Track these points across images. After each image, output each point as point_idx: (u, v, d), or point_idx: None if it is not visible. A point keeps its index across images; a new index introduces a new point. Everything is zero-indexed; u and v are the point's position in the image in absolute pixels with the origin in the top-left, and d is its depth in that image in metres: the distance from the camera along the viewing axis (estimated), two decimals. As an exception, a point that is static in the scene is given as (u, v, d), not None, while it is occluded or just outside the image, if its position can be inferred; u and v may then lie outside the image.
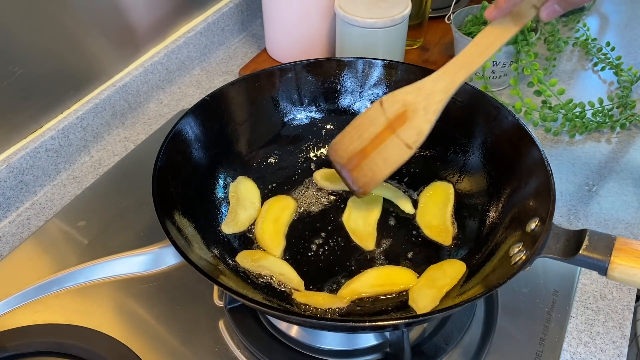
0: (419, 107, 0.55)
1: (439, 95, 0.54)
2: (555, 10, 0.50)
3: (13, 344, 0.56)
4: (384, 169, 0.58)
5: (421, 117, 0.55)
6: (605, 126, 0.80)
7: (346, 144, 0.60)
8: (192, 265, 0.47)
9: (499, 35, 0.53)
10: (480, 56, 0.54)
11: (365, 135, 0.59)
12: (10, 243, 0.68)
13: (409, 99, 0.56)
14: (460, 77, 0.54)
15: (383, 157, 0.58)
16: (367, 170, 0.59)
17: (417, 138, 0.56)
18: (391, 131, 0.56)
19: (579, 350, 0.57)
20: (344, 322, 0.48)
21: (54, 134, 0.72)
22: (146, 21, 0.83)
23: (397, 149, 0.56)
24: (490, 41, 0.53)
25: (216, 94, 0.64)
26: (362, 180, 0.59)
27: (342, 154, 0.60)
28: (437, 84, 0.55)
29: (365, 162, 0.59)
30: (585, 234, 0.47)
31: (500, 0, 0.51)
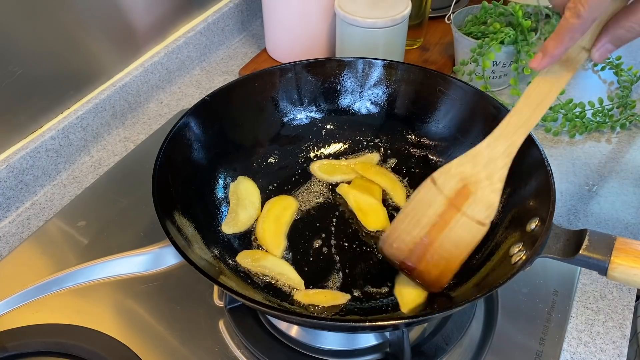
0: (481, 178, 0.50)
1: (501, 160, 0.49)
2: (607, 49, 0.46)
3: (13, 344, 0.56)
4: (457, 254, 0.51)
5: (487, 188, 0.50)
6: (605, 126, 0.80)
7: (403, 236, 0.53)
8: (192, 265, 0.47)
9: (552, 85, 0.48)
10: (536, 111, 0.49)
11: (425, 220, 0.52)
12: (10, 243, 0.68)
13: (467, 170, 0.51)
14: (520, 137, 0.49)
15: (453, 241, 0.51)
16: (438, 259, 0.51)
17: (488, 212, 0.50)
18: (455, 210, 0.50)
19: (579, 350, 0.57)
20: (344, 322, 0.48)
21: (54, 134, 0.72)
22: (146, 21, 0.83)
23: (467, 229, 0.50)
24: (545, 93, 0.48)
25: (216, 94, 0.64)
26: (434, 272, 0.52)
27: (400, 247, 0.53)
28: (495, 149, 0.50)
29: (431, 250, 0.51)
30: (585, 234, 0.47)
31: (550, 47, 0.45)
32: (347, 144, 0.71)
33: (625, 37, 0.45)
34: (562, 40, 0.45)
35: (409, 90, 0.68)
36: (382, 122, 0.70)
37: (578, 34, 0.44)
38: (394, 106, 0.70)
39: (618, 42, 0.46)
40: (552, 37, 0.45)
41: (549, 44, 0.46)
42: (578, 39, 0.45)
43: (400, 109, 0.69)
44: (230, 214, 0.63)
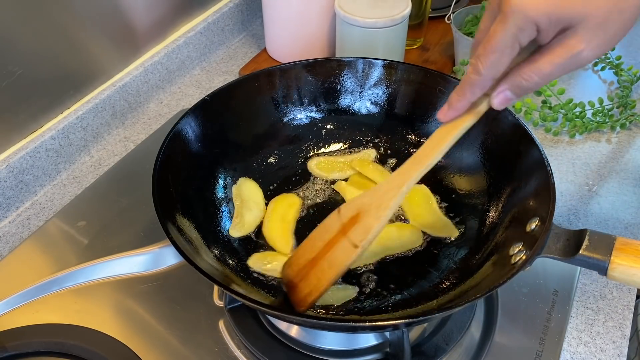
0: (372, 207, 0.53)
1: (392, 192, 0.52)
2: (506, 96, 0.45)
3: (13, 343, 0.56)
4: (328, 274, 0.53)
5: (372, 216, 0.52)
6: (605, 126, 0.80)
7: (298, 256, 0.56)
8: (192, 265, 0.47)
9: (451, 129, 0.49)
10: (432, 151, 0.51)
11: (319, 244, 0.55)
12: (10, 243, 0.68)
13: (365, 201, 0.54)
14: (413, 173, 0.51)
15: (329, 262, 0.53)
16: (312, 279, 0.53)
17: (363, 236, 0.52)
18: (342, 235, 0.53)
19: (579, 350, 0.57)
20: (344, 322, 0.48)
21: (54, 133, 0.72)
22: (146, 21, 0.83)
23: (343, 250, 0.53)
24: (443, 135, 0.50)
25: (216, 93, 0.64)
26: (305, 290, 0.54)
27: (293, 267, 0.56)
28: (390, 184, 0.53)
29: (312, 270, 0.54)
30: (585, 233, 0.47)
31: (454, 101, 0.47)
32: (347, 143, 0.71)
33: (524, 86, 0.44)
34: (465, 94, 0.46)
35: (409, 90, 0.68)
36: (382, 122, 0.71)
37: (478, 90, 0.45)
38: (394, 106, 0.70)
39: (517, 90, 0.45)
40: (456, 90, 0.46)
41: (453, 97, 0.47)
42: (479, 94, 0.46)
43: (400, 109, 0.69)
44: (236, 217, 0.63)
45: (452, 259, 0.60)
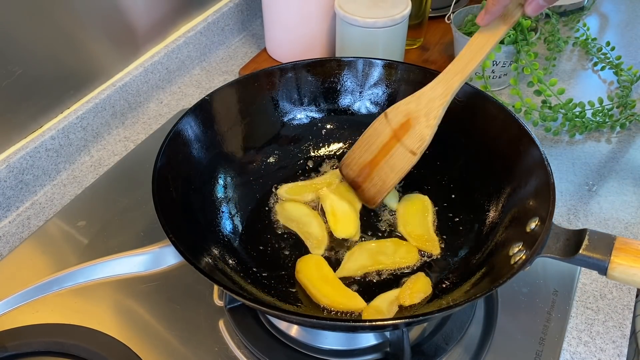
0: (421, 115, 0.58)
1: (438, 100, 0.57)
2: (539, 4, 0.51)
3: (13, 343, 0.56)
4: (392, 177, 0.60)
5: (423, 124, 0.57)
6: (605, 126, 0.80)
7: (356, 158, 0.63)
8: (192, 265, 0.47)
9: (489, 37, 0.55)
10: (473, 59, 0.55)
11: (373, 147, 0.61)
12: (10, 243, 0.68)
13: (411, 108, 0.59)
14: (456, 82, 0.56)
15: (390, 166, 0.60)
16: (376, 180, 0.61)
17: (420, 144, 0.58)
18: (396, 140, 0.59)
19: (579, 349, 0.57)
20: (344, 322, 0.48)
21: (54, 133, 0.72)
22: (146, 21, 0.83)
23: (402, 157, 0.59)
24: (482, 44, 0.55)
25: (216, 93, 0.64)
26: (372, 190, 0.62)
27: (353, 167, 0.63)
28: (435, 91, 0.57)
29: (374, 172, 0.61)
30: (585, 233, 0.47)
31: (489, 4, 0.52)
32: (347, 143, 0.71)
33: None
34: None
35: (408, 90, 0.68)
36: (382, 121, 0.71)
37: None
38: (394, 106, 0.70)
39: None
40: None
41: (489, 2, 0.52)
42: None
43: (400, 108, 0.69)
44: (308, 239, 0.62)
45: (452, 259, 0.60)
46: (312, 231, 0.62)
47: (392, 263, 0.59)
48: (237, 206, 0.65)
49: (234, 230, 0.62)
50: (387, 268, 0.59)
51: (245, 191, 0.66)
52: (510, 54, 0.82)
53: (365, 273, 0.59)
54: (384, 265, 0.59)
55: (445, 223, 0.63)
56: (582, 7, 1.04)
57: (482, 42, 0.55)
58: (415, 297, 0.55)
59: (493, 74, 0.85)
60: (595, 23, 1.03)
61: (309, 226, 0.63)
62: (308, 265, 0.59)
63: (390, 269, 0.59)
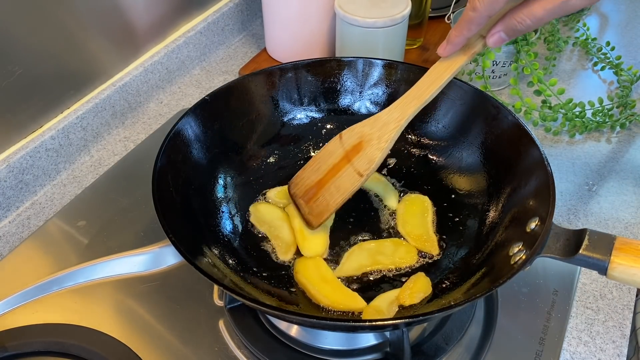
0: (373, 137, 0.58)
1: (392, 124, 0.57)
2: (501, 37, 0.50)
3: (13, 343, 0.56)
4: (336, 198, 0.59)
5: (374, 146, 0.57)
6: (605, 126, 0.80)
7: (305, 177, 0.62)
8: (192, 265, 0.47)
9: (449, 66, 0.55)
10: (431, 86, 0.56)
11: (323, 167, 0.61)
12: (10, 243, 0.68)
13: (365, 130, 0.59)
14: (412, 108, 0.56)
15: (337, 186, 0.60)
16: (321, 201, 0.60)
17: (368, 166, 0.58)
18: (347, 161, 0.59)
19: (578, 349, 0.57)
20: (344, 322, 0.48)
21: (54, 133, 0.72)
22: (146, 21, 0.83)
23: (349, 177, 0.59)
24: (441, 72, 0.55)
25: (216, 93, 0.64)
26: (315, 210, 0.61)
27: (300, 187, 0.62)
28: (390, 115, 0.58)
29: (320, 192, 0.61)
30: (585, 233, 0.47)
31: (452, 35, 0.52)
32: (347, 143, 0.71)
33: (517, 29, 0.48)
34: (462, 30, 0.50)
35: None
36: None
37: (475, 26, 0.49)
38: (394, 106, 0.70)
39: (511, 32, 0.49)
40: (454, 27, 0.51)
41: (452, 33, 0.52)
42: (475, 30, 0.50)
43: (400, 108, 0.69)
44: (275, 242, 0.62)
45: (452, 259, 0.60)
46: (281, 236, 0.62)
47: (391, 263, 0.59)
48: (237, 206, 0.65)
49: (234, 230, 0.62)
50: (386, 268, 0.59)
51: (245, 191, 0.66)
52: (510, 54, 0.82)
53: (364, 273, 0.59)
54: (382, 265, 0.59)
55: (445, 223, 0.63)
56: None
57: (441, 70, 0.55)
58: (415, 297, 0.55)
59: (493, 74, 0.85)
60: (595, 23, 1.03)
61: (279, 230, 0.62)
62: (307, 266, 0.59)
63: (389, 268, 0.59)
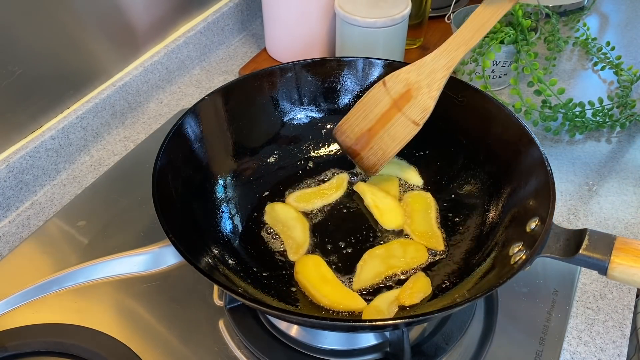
0: (422, 85, 0.57)
1: (441, 72, 0.57)
2: None
3: (13, 343, 0.56)
4: (393, 147, 0.61)
5: (425, 95, 0.57)
6: (605, 126, 0.80)
7: (352, 125, 0.63)
8: (192, 265, 0.47)
9: (493, 12, 0.54)
10: (477, 33, 0.55)
11: (371, 115, 0.61)
12: (10, 243, 0.68)
13: (412, 77, 0.58)
14: (460, 54, 0.56)
15: (391, 135, 0.60)
16: (376, 149, 0.61)
17: (423, 115, 0.58)
18: (397, 110, 0.59)
19: (579, 349, 0.57)
20: (344, 322, 0.48)
21: (53, 133, 0.72)
22: (146, 21, 0.83)
23: (404, 127, 0.59)
24: (486, 19, 0.55)
25: (216, 93, 0.64)
26: (372, 159, 0.62)
27: (349, 135, 0.63)
28: (437, 62, 0.57)
29: (373, 141, 0.61)
30: (585, 233, 0.47)
31: None
32: (347, 143, 0.71)
33: None
34: None
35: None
36: (382, 121, 0.71)
37: None
38: (394, 106, 0.70)
39: None
40: None
41: None
42: None
43: (400, 108, 0.69)
44: (287, 242, 0.62)
45: (452, 259, 0.60)
46: (294, 235, 0.62)
47: (405, 264, 0.59)
48: (237, 206, 0.65)
49: (234, 230, 0.62)
50: (400, 270, 0.58)
51: (245, 191, 0.66)
52: (510, 53, 0.82)
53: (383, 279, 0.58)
54: (397, 268, 0.58)
55: (445, 223, 0.63)
56: (582, 7, 1.04)
57: (486, 16, 0.55)
58: (415, 297, 0.55)
59: (493, 74, 0.85)
60: (595, 23, 1.03)
61: (293, 230, 0.62)
62: (307, 266, 0.59)
63: (404, 270, 0.59)
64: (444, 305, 0.53)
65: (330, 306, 0.55)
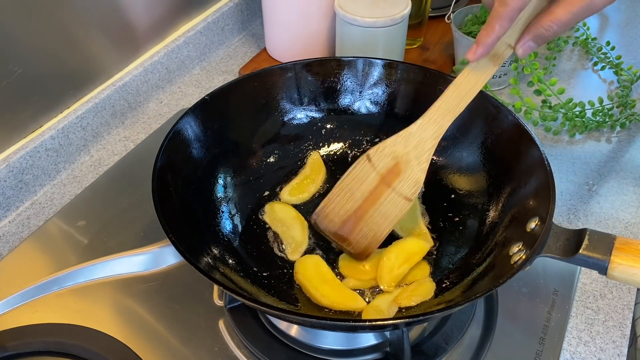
0: (411, 157, 0.54)
1: (429, 142, 0.54)
2: (530, 46, 0.51)
3: (13, 343, 0.56)
4: (384, 226, 0.56)
5: (415, 167, 0.54)
6: (605, 125, 0.80)
7: (336, 208, 0.58)
8: (192, 265, 0.47)
9: (479, 77, 0.54)
10: (463, 100, 0.54)
11: (358, 194, 0.56)
12: (10, 243, 0.68)
13: (399, 150, 0.55)
14: (447, 122, 0.54)
15: (382, 214, 0.56)
16: (367, 231, 0.56)
17: (415, 189, 0.55)
18: (386, 186, 0.55)
19: (579, 349, 0.57)
20: (344, 322, 0.48)
21: (53, 133, 0.72)
22: (146, 20, 0.83)
23: (395, 204, 0.55)
24: (472, 84, 0.54)
25: (216, 93, 0.64)
26: (363, 242, 0.57)
27: (333, 219, 0.58)
28: (425, 131, 0.54)
29: (362, 222, 0.56)
30: (585, 233, 0.47)
31: (483, 37, 0.50)
32: (347, 143, 0.71)
33: (544, 35, 0.50)
34: (494, 28, 0.49)
35: (408, 89, 0.68)
36: (382, 121, 0.70)
37: (506, 22, 0.49)
38: (394, 106, 0.70)
39: (539, 39, 0.50)
40: (484, 27, 0.50)
41: (482, 34, 0.50)
42: (507, 27, 0.49)
43: (400, 108, 0.69)
44: (286, 241, 0.62)
45: (452, 259, 0.60)
46: (294, 235, 0.62)
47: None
48: (237, 206, 0.65)
49: (234, 230, 0.62)
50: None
51: (245, 191, 0.66)
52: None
53: None
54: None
55: (445, 223, 0.63)
56: (582, 7, 1.04)
57: (471, 82, 0.53)
58: (412, 299, 0.55)
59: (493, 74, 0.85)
60: (595, 23, 1.03)
61: (292, 229, 0.63)
62: (306, 266, 0.59)
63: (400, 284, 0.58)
64: (444, 305, 0.53)
65: (330, 306, 0.55)
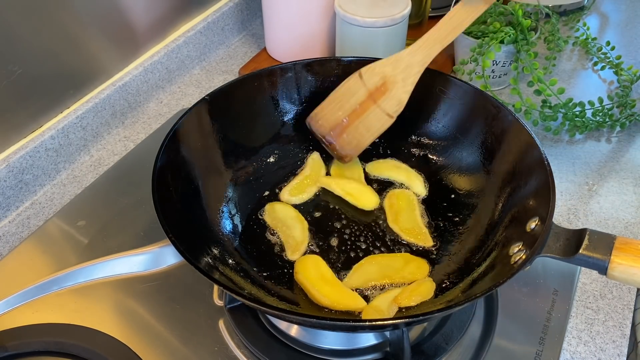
0: (398, 79, 0.60)
1: (416, 67, 0.59)
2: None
3: (13, 343, 0.56)
4: (367, 137, 0.63)
5: (400, 89, 0.59)
6: (605, 125, 0.80)
7: (327, 114, 0.64)
8: (192, 265, 0.47)
9: (469, 13, 0.57)
10: (452, 32, 0.59)
11: (347, 105, 0.63)
12: (10, 243, 0.68)
13: (388, 71, 0.60)
14: (435, 51, 0.59)
15: (366, 126, 0.62)
16: (351, 139, 0.64)
17: (397, 108, 0.60)
18: (372, 101, 0.61)
19: (578, 349, 0.57)
20: (344, 322, 0.48)
21: (53, 133, 0.72)
22: (146, 20, 0.83)
23: (378, 118, 0.61)
24: (462, 19, 0.58)
25: (216, 93, 0.64)
26: (347, 147, 0.64)
27: (323, 124, 0.65)
28: (413, 57, 0.60)
29: (348, 130, 0.63)
30: (585, 233, 0.47)
31: None
32: (347, 143, 0.71)
33: None
34: None
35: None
36: (382, 121, 0.71)
37: None
38: (394, 105, 0.70)
39: None
40: None
41: None
42: None
43: (400, 108, 0.69)
44: (288, 241, 0.62)
45: (452, 259, 0.60)
46: (294, 234, 0.62)
47: (400, 277, 0.58)
48: (237, 206, 0.65)
49: (234, 230, 0.62)
50: (393, 282, 0.57)
51: (245, 191, 0.66)
52: (510, 53, 0.82)
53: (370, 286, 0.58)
54: (390, 280, 0.57)
55: (445, 223, 0.63)
56: (582, 7, 1.04)
57: (462, 16, 0.58)
58: (412, 299, 0.55)
59: (493, 74, 0.85)
60: (595, 23, 1.03)
61: (292, 229, 0.63)
62: (306, 266, 0.59)
63: (398, 283, 0.58)
64: (444, 305, 0.53)
65: (330, 306, 0.55)
